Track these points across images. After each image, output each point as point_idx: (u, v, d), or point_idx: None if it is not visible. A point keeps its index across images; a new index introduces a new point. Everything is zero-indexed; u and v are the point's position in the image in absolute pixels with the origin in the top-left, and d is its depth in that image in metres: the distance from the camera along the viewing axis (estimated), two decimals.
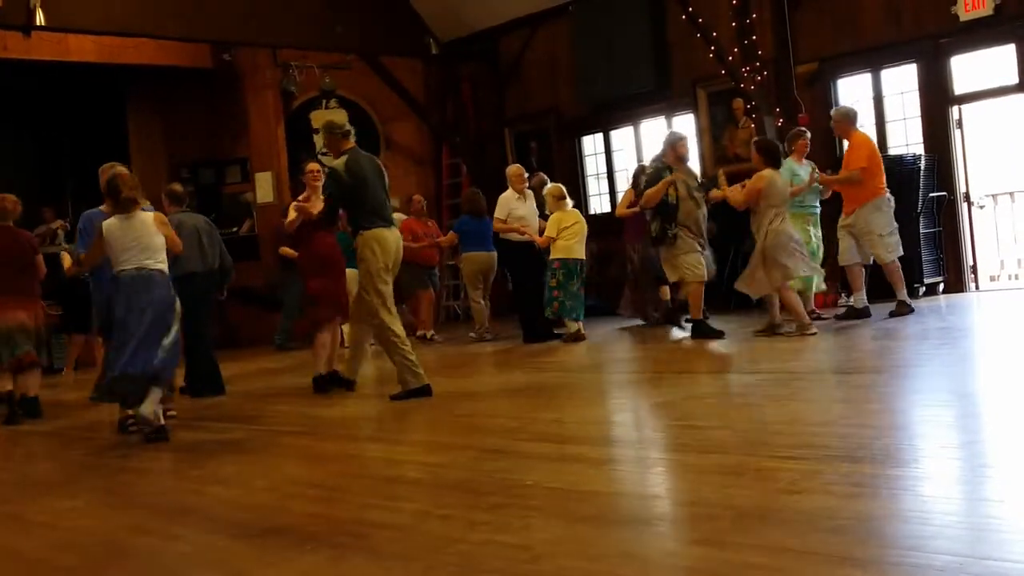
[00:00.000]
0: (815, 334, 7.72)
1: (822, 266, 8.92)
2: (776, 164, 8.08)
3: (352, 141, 6.88)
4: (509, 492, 3.71)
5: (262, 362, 10.22)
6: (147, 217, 5.98)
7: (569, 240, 9.44)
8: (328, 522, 3.57)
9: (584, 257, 9.58)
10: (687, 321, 8.98)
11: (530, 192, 10.21)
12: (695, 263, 8.35)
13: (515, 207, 9.97)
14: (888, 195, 8.62)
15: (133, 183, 6.01)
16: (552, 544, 2.98)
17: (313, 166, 7.80)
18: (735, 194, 8.18)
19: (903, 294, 8.62)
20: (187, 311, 6.23)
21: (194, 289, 7.16)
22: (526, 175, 10.47)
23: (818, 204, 9.04)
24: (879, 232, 8.51)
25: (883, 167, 8.71)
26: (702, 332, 8.31)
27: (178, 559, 3.31)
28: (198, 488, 4.53)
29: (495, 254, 10.42)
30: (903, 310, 8.50)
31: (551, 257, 9.50)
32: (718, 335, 8.24)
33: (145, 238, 5.86)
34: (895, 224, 8.60)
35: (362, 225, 6.54)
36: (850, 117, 8.91)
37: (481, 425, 5.53)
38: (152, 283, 5.80)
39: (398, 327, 6.49)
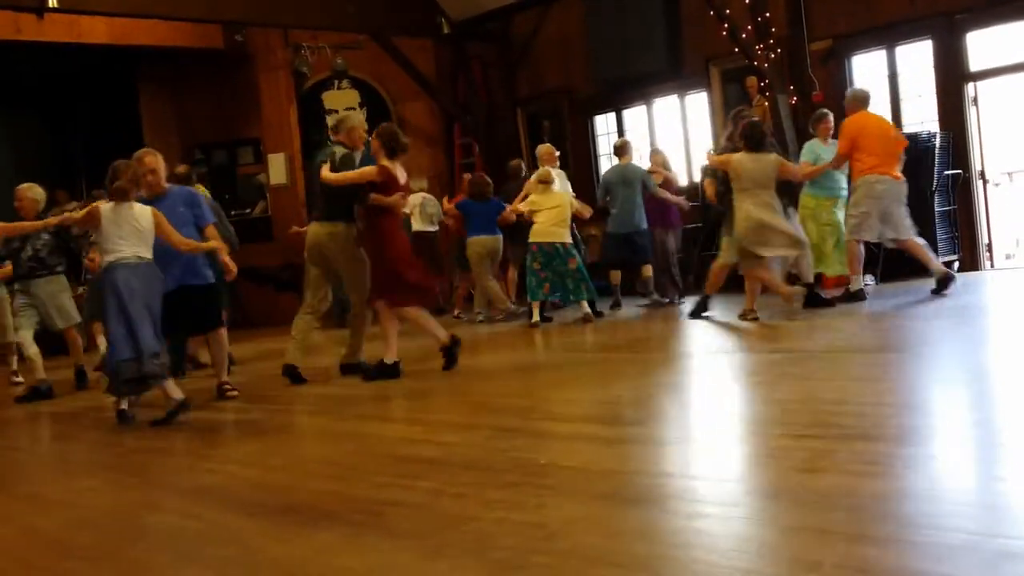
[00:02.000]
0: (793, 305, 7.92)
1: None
2: (755, 147, 7.94)
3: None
4: (523, 471, 3.72)
5: (276, 343, 10.24)
6: (144, 211, 5.94)
7: (544, 224, 9.41)
8: (343, 500, 3.58)
9: (561, 240, 9.43)
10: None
11: (561, 172, 10.14)
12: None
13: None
14: (877, 175, 8.29)
15: (132, 175, 6.02)
16: (567, 522, 2.99)
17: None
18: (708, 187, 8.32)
19: (858, 281, 8.58)
20: None
21: None
22: (557, 153, 10.45)
23: (845, 186, 8.93)
24: (850, 211, 8.51)
25: (880, 146, 8.45)
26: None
27: (195, 537, 3.34)
28: (214, 467, 4.56)
29: (500, 237, 10.43)
30: (857, 296, 8.50)
31: (528, 240, 9.54)
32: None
33: (142, 229, 5.87)
34: (876, 206, 8.33)
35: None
36: (857, 99, 8.80)
37: (495, 405, 5.54)
38: (149, 272, 5.84)
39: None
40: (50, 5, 9.91)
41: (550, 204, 9.46)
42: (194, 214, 6.54)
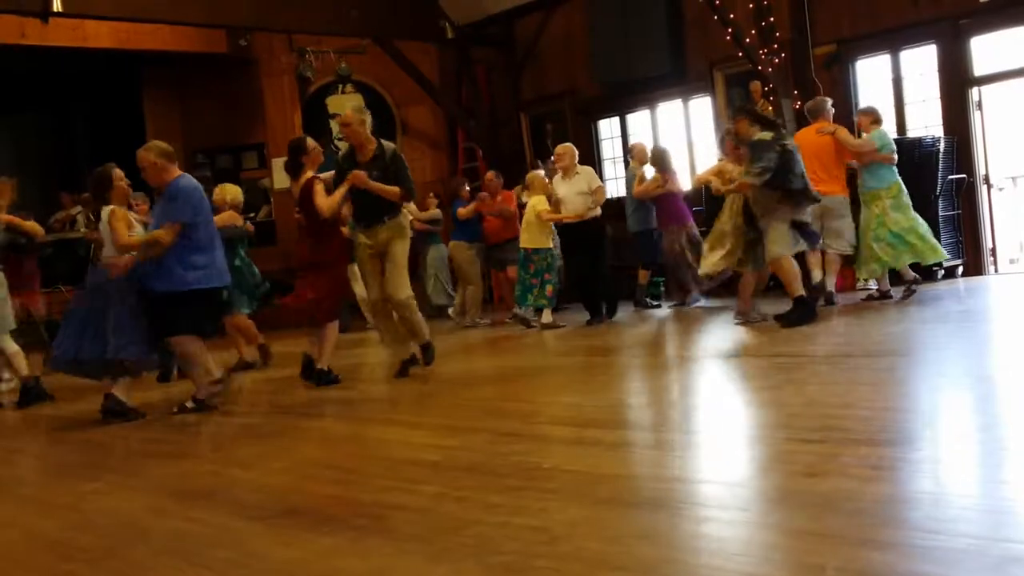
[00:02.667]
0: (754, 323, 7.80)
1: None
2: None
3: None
4: (526, 475, 3.71)
5: (278, 346, 10.24)
6: (104, 212, 6.30)
7: (522, 227, 9.67)
8: (346, 504, 3.58)
9: (535, 246, 9.53)
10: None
11: (579, 173, 9.92)
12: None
13: (555, 187, 9.71)
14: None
15: (108, 178, 6.41)
16: (569, 526, 2.98)
17: None
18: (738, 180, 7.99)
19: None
20: None
21: None
22: (576, 152, 10.31)
23: (884, 184, 8.54)
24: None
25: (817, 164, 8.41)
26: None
27: (197, 540, 3.33)
28: (216, 470, 4.55)
29: (463, 243, 10.59)
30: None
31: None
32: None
33: (105, 231, 6.27)
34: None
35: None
36: (808, 111, 9.01)
37: (497, 409, 5.53)
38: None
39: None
40: (55, 10, 9.93)
41: (528, 208, 9.64)
42: (169, 207, 6.21)
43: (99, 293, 6.24)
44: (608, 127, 13.65)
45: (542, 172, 10.17)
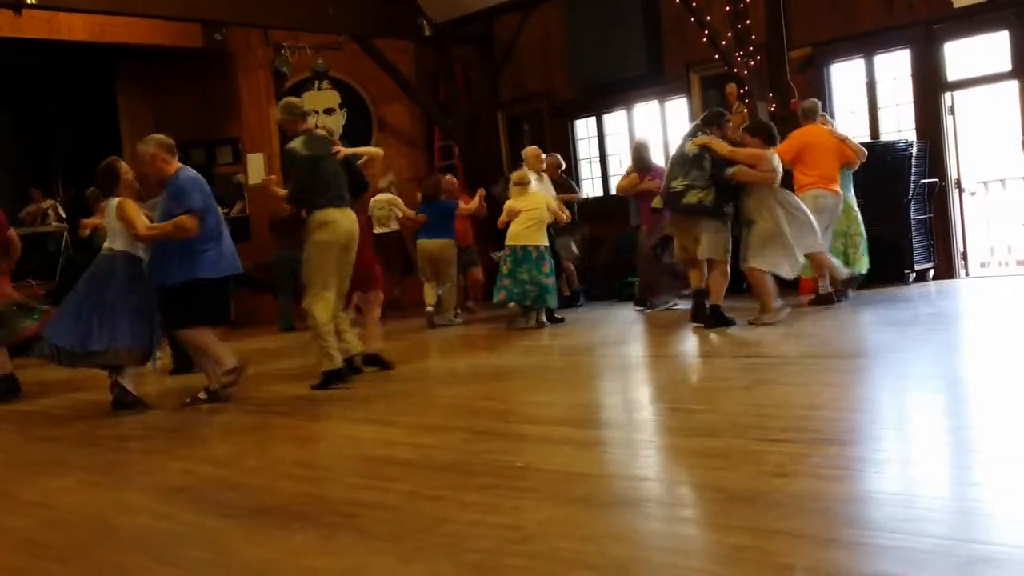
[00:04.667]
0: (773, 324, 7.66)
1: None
2: (773, 143, 7.99)
3: (309, 124, 6.84)
4: (500, 473, 3.72)
5: (251, 343, 10.20)
6: (110, 204, 6.33)
7: (519, 226, 9.32)
8: (318, 502, 3.57)
9: (539, 243, 9.32)
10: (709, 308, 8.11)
11: (546, 174, 10.00)
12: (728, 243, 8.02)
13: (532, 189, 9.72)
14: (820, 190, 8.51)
15: (116, 171, 6.38)
16: (542, 525, 2.99)
17: None
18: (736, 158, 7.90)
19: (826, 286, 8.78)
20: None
21: None
22: (543, 156, 10.39)
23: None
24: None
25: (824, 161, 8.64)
26: (719, 320, 7.89)
27: (168, 538, 3.32)
28: (188, 468, 4.53)
29: (448, 242, 10.43)
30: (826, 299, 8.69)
31: (505, 243, 9.48)
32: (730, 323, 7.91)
33: (111, 221, 6.32)
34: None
35: (316, 204, 6.53)
36: (803, 111, 9.10)
37: (472, 407, 5.53)
38: (114, 264, 6.27)
39: (320, 312, 6.44)
40: (28, 2, 9.82)
41: (527, 206, 9.39)
42: (180, 198, 6.22)
43: (99, 282, 6.23)
44: (585, 127, 13.68)
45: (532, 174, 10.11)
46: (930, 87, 10.33)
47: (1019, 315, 7.61)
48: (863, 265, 9.01)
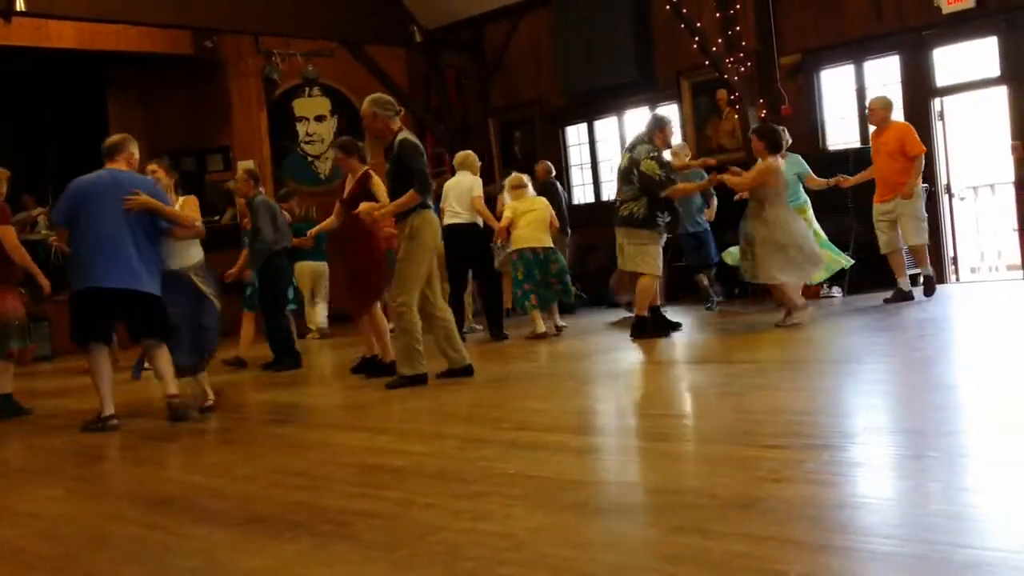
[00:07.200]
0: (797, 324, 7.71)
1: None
2: (778, 149, 7.98)
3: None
4: (491, 481, 3.71)
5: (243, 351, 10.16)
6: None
7: (525, 229, 9.20)
8: (310, 510, 3.56)
9: (543, 244, 9.22)
10: (637, 319, 8.28)
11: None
12: (658, 256, 8.10)
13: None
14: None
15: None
16: (534, 532, 2.99)
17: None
18: (739, 178, 8.02)
19: (905, 281, 8.95)
20: None
21: None
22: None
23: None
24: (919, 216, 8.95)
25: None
26: (647, 330, 8.06)
27: (159, 548, 3.30)
28: (179, 477, 4.51)
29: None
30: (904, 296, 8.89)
31: (511, 248, 9.32)
32: (665, 333, 8.12)
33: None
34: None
35: (424, 203, 6.50)
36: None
37: (464, 414, 5.53)
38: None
39: (415, 313, 6.41)
40: (18, 9, 9.81)
41: (529, 209, 9.32)
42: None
43: (180, 293, 6.14)
44: (576, 134, 13.70)
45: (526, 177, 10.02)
46: (919, 93, 10.38)
47: (1010, 320, 7.64)
48: (845, 258, 9.12)
